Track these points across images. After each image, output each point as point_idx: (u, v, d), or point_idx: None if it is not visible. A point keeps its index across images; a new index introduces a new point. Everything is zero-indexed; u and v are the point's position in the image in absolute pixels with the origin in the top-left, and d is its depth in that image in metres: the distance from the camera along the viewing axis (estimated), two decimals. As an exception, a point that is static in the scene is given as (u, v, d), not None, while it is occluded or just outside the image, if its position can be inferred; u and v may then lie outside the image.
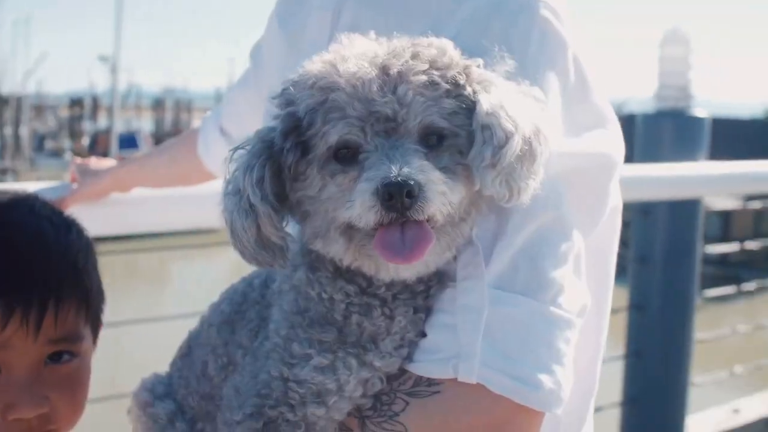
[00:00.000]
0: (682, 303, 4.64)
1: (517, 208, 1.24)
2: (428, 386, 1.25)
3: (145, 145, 49.57)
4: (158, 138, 56.10)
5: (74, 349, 1.43)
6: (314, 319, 1.27)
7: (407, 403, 1.26)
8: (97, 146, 46.16)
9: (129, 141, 47.45)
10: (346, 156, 1.17)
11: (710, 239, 5.10)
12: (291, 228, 1.25)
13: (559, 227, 1.28)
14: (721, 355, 7.57)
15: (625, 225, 1.62)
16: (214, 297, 1.53)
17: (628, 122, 2.09)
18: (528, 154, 1.17)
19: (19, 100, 56.13)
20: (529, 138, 1.17)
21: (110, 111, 47.33)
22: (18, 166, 44.68)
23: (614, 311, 1.45)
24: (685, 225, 4.63)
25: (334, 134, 1.16)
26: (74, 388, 1.43)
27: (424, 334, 1.28)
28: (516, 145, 1.15)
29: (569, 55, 1.33)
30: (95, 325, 1.52)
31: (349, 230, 1.18)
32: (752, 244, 6.66)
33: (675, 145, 4.58)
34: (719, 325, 6.82)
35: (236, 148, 1.24)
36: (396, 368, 1.28)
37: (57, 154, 51.35)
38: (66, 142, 56.07)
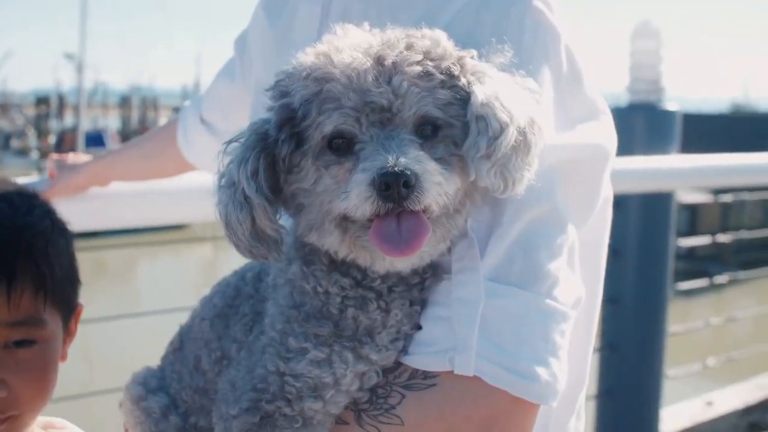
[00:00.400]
0: (656, 296, 4.67)
1: (511, 200, 1.23)
2: (424, 379, 1.25)
3: (112, 143, 49.22)
4: (125, 136, 55.73)
5: (35, 335, 1.40)
6: (310, 313, 1.26)
7: (403, 396, 1.25)
8: (64, 145, 45.80)
9: (96, 139, 47.12)
10: (341, 147, 1.16)
11: (679, 233, 5.13)
12: (284, 221, 1.24)
13: (553, 219, 1.27)
14: (693, 348, 7.64)
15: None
16: (182, 293, 1.50)
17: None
18: (522, 145, 1.16)
19: (-17, 99, 55.51)
20: (524, 129, 1.17)
21: (77, 109, 46.91)
22: (-17, 165, 44.20)
23: None
24: (657, 218, 4.65)
25: (329, 124, 1.15)
26: (36, 374, 1.40)
27: (419, 327, 1.27)
28: (511, 135, 1.15)
29: (562, 46, 1.33)
30: (65, 310, 1.48)
31: (344, 222, 1.17)
32: (722, 238, 6.72)
33: (647, 139, 4.60)
34: (690, 319, 6.88)
35: (230, 141, 1.23)
36: (392, 361, 1.27)
37: (23, 152, 50.83)
38: (32, 141, 55.52)
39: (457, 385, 1.22)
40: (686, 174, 4.34)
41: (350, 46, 1.19)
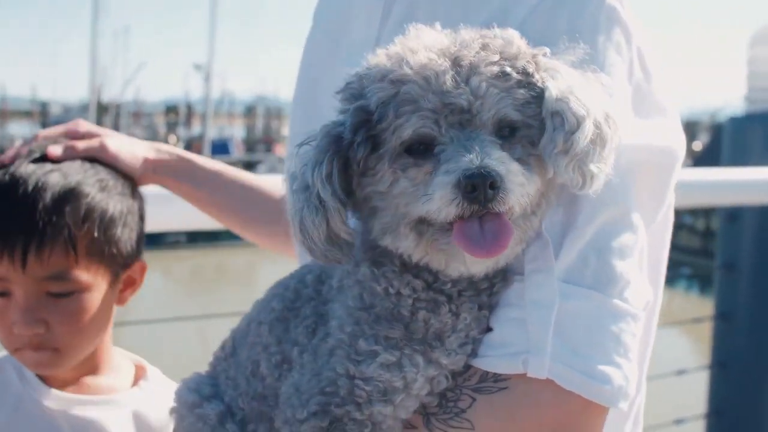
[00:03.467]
0: (771, 313, 4.48)
1: (586, 202, 1.23)
2: (494, 382, 1.23)
3: (236, 151, 50.70)
4: (250, 144, 57.28)
5: (69, 288, 1.65)
6: (380, 315, 1.24)
7: (474, 400, 1.24)
8: (192, 151, 47.35)
9: (221, 147, 48.59)
10: (419, 149, 1.15)
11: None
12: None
13: (626, 220, 1.26)
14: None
15: (713, 232, 1.58)
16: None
17: (717, 128, 2.03)
18: (599, 139, 1.15)
19: (118, 108, 58.12)
20: (600, 123, 1.15)
21: (204, 118, 48.49)
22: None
23: (700, 321, 1.39)
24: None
25: (408, 128, 1.14)
26: (73, 318, 1.66)
27: (487, 332, 1.26)
28: (588, 129, 1.13)
29: (634, 45, 1.32)
30: (111, 264, 1.71)
31: (420, 225, 1.16)
32: None
33: (765, 150, 4.43)
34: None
35: (301, 144, 1.22)
36: (461, 366, 1.26)
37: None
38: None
39: (529, 388, 1.21)
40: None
41: (424, 46, 1.17)
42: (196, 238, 28.52)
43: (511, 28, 1.22)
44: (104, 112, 55.49)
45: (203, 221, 2.17)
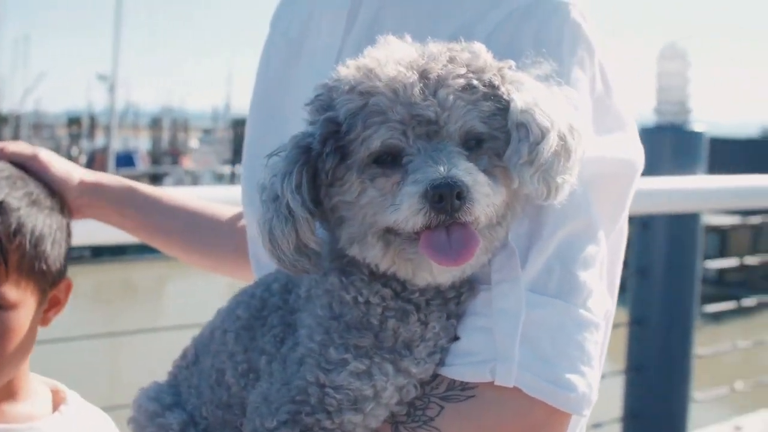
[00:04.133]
0: (682, 317, 4.63)
1: (550, 213, 1.25)
2: (462, 390, 1.24)
3: (142, 164, 49.72)
4: (155, 157, 56.26)
5: None
6: (350, 324, 1.25)
7: (442, 408, 1.24)
8: (95, 165, 46.25)
9: (126, 160, 47.62)
10: (387, 160, 1.16)
11: (707, 257, 5.11)
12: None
13: (589, 232, 1.29)
14: (721, 371, 7.54)
15: (627, 240, 1.61)
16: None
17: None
18: (563, 150, 1.17)
19: (17, 119, 56.32)
20: (564, 134, 1.17)
21: (108, 130, 47.43)
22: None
23: (616, 326, 1.43)
24: (684, 239, 4.63)
25: (376, 138, 1.15)
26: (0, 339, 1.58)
27: (455, 340, 1.27)
28: (552, 140, 1.15)
29: (596, 60, 1.35)
30: (39, 282, 1.65)
31: (387, 235, 1.18)
32: (750, 260, 6.64)
33: (673, 160, 4.59)
34: (718, 343, 6.81)
35: (270, 155, 1.23)
36: (430, 374, 1.26)
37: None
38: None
39: (496, 396, 1.22)
40: (712, 194, 4.31)
41: (393, 59, 1.19)
42: (101, 253, 27.82)
43: (478, 42, 1.23)
44: (3, 124, 53.72)
45: (108, 236, 2.10)
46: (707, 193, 4.23)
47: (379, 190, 1.16)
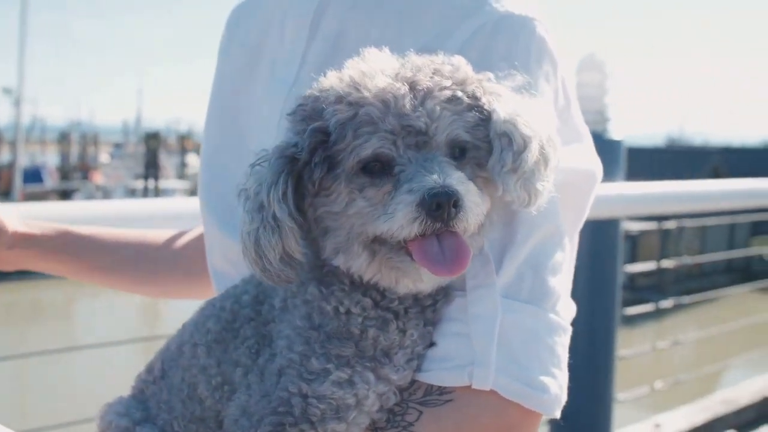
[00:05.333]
0: (605, 321, 4.74)
1: (523, 221, 1.29)
2: (440, 395, 1.27)
3: (50, 180, 48.31)
4: (64, 172, 54.76)
5: None
6: (331, 334, 1.25)
7: (420, 413, 1.27)
8: (0, 181, 44.74)
9: (34, 175, 46.21)
10: (376, 170, 1.17)
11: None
12: None
13: (556, 238, 1.34)
14: (641, 372, 7.76)
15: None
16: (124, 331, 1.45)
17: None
18: (543, 159, 1.22)
19: None
20: (543, 143, 1.22)
21: (14, 145, 45.96)
22: None
23: None
24: (605, 244, 4.75)
25: (368, 148, 1.16)
26: None
27: (431, 346, 1.29)
28: (535, 149, 1.20)
29: (559, 74, 1.41)
30: None
31: (373, 244, 1.19)
32: (665, 264, 6.87)
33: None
34: (634, 346, 7.00)
35: (254, 164, 1.23)
36: (408, 381, 1.28)
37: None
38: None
39: (473, 399, 1.26)
40: (633, 201, 4.45)
41: (380, 70, 1.21)
42: (7, 273, 26.86)
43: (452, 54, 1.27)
44: None
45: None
46: (628, 199, 4.38)
47: (369, 200, 1.17)
